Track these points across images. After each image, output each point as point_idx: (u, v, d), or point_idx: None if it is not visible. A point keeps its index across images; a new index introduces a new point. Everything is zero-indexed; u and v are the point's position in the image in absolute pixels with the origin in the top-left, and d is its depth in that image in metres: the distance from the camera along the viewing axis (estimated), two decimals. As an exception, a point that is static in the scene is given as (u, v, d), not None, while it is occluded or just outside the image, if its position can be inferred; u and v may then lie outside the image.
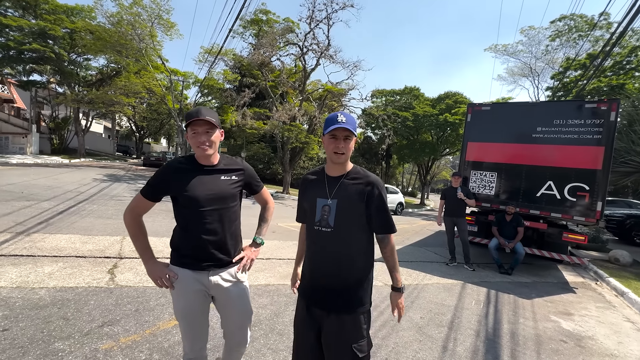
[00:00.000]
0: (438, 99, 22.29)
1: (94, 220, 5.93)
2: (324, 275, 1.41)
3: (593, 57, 15.65)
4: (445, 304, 3.80)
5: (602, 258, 7.31)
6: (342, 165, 1.43)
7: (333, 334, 1.35)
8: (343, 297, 1.37)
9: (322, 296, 1.40)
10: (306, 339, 1.44)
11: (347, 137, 1.36)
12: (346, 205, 1.36)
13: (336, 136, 1.36)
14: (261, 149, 19.30)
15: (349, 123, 1.34)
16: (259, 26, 18.46)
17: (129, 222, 1.52)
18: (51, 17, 19.36)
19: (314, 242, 1.44)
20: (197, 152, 1.50)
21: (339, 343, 1.34)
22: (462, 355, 2.67)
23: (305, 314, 1.44)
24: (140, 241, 1.52)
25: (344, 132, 1.35)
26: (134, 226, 1.52)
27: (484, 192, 6.29)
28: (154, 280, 1.50)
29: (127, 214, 1.52)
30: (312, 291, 1.44)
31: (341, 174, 1.43)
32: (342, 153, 1.36)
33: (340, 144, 1.35)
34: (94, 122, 31.27)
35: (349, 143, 1.37)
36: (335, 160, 1.39)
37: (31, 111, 22.68)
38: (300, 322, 1.47)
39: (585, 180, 5.35)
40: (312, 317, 1.42)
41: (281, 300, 3.38)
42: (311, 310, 1.43)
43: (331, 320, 1.36)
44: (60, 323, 2.46)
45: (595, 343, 3.17)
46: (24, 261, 3.62)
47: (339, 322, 1.35)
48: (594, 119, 5.32)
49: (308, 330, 1.43)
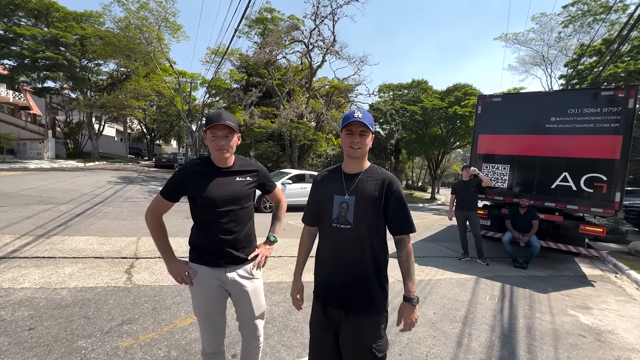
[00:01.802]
0: (447, 92, 21.91)
1: (110, 222, 6.10)
2: (342, 273, 1.37)
3: (609, 42, 15.08)
4: (459, 299, 3.77)
5: (621, 250, 7.09)
6: (359, 162, 1.43)
7: (352, 335, 1.34)
8: (362, 295, 1.34)
9: (340, 295, 1.37)
10: (324, 342, 1.42)
11: (363, 132, 1.36)
12: (365, 201, 1.35)
13: (352, 131, 1.37)
14: (269, 148, 19.37)
15: (365, 118, 1.35)
16: (264, 25, 18.48)
17: (150, 222, 1.58)
18: (62, 24, 19.82)
19: (331, 239, 1.41)
20: (216, 155, 1.55)
21: (358, 344, 1.33)
22: (477, 351, 2.65)
23: (322, 316, 1.41)
24: (161, 240, 1.59)
25: (359, 127, 1.35)
26: (154, 226, 1.58)
27: (497, 185, 6.18)
28: (175, 277, 1.56)
29: (148, 214, 1.58)
30: (329, 290, 1.41)
31: (359, 171, 1.42)
32: (358, 147, 1.37)
33: (355, 138, 1.36)
34: (107, 126, 32.02)
35: (365, 139, 1.38)
36: (352, 154, 1.39)
37: (46, 117, 23.34)
38: (317, 325, 1.45)
39: (603, 170, 5.19)
40: (329, 319, 1.40)
41: (294, 297, 3.41)
42: (328, 311, 1.40)
43: (350, 321, 1.34)
44: (82, 322, 2.55)
45: (615, 337, 3.09)
46: (46, 263, 3.76)
47: (357, 323, 1.33)
48: (611, 107, 5.14)
49: (326, 333, 1.41)
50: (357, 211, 1.35)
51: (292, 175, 10.68)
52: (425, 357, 2.48)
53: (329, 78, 20.64)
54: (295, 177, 10.75)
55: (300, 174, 10.99)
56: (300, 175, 10.93)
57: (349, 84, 18.06)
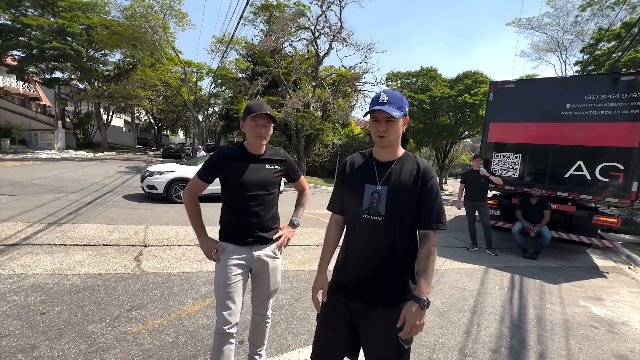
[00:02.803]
0: (456, 80, 21.33)
1: (119, 211, 6.17)
2: (372, 267, 1.28)
3: (630, 26, 14.41)
4: (467, 289, 3.73)
5: (635, 241, 6.93)
6: (391, 150, 1.31)
7: (379, 328, 1.26)
8: (393, 289, 1.27)
9: (369, 289, 1.29)
10: (339, 334, 1.34)
11: (390, 119, 1.22)
12: (398, 192, 1.25)
13: (377, 118, 1.24)
14: (276, 137, 19.33)
15: (392, 102, 1.21)
16: (269, 12, 18.15)
17: (187, 202, 1.72)
18: (68, 14, 19.78)
19: (359, 231, 1.31)
20: (255, 142, 1.67)
21: (386, 336, 1.25)
22: (486, 341, 2.61)
23: (344, 309, 1.32)
24: (195, 218, 1.72)
25: (384, 113, 1.21)
26: (191, 205, 1.72)
27: (508, 175, 6.03)
28: (205, 253, 1.71)
29: (186, 194, 1.72)
30: (355, 284, 1.31)
31: (392, 159, 1.31)
32: (385, 136, 1.24)
33: (381, 127, 1.23)
34: (115, 117, 32.25)
35: (393, 125, 1.23)
36: (379, 144, 1.28)
37: (56, 108, 23.60)
38: (335, 316, 1.35)
39: (620, 159, 5.01)
40: (350, 311, 1.31)
41: (300, 285, 3.42)
42: (351, 304, 1.31)
43: (377, 313, 1.26)
44: (92, 307, 2.59)
45: (629, 329, 3.03)
46: (57, 250, 3.82)
47: (386, 315, 1.24)
48: (631, 93, 4.92)
49: (343, 326, 1.34)
50: (390, 203, 1.25)
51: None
52: (433, 346, 2.46)
53: (335, 66, 20.31)
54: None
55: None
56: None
57: (356, 72, 17.73)
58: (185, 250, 4.20)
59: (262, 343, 1.92)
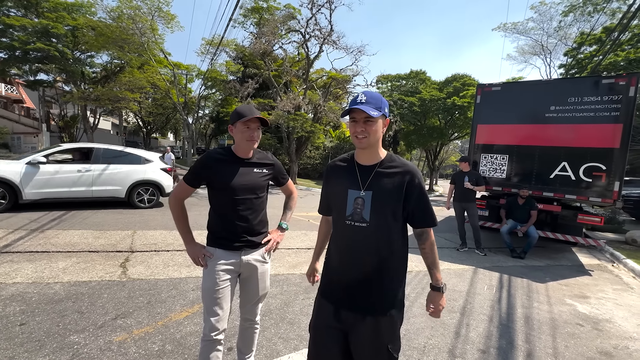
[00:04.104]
0: (445, 82, 21.67)
1: (105, 216, 6.03)
2: (358, 275, 1.25)
3: (610, 31, 14.90)
4: (457, 290, 3.76)
5: (618, 239, 7.12)
6: (372, 152, 1.26)
7: (368, 337, 1.24)
8: (381, 298, 1.25)
9: (357, 298, 1.26)
10: (331, 346, 1.30)
11: (369, 119, 1.18)
12: (383, 197, 1.21)
13: (355, 119, 1.20)
14: (267, 140, 19.24)
15: (370, 102, 1.17)
16: (259, 14, 18.11)
17: (173, 207, 1.69)
18: (53, 15, 19.28)
19: (344, 238, 1.28)
20: (245, 145, 1.65)
21: (375, 345, 1.23)
22: (475, 341, 2.63)
23: (332, 319, 1.29)
24: (182, 223, 1.70)
25: (362, 113, 1.17)
26: (177, 210, 1.69)
27: (495, 176, 6.14)
28: (193, 259, 1.67)
29: (172, 199, 1.70)
30: (343, 292, 1.29)
31: (374, 162, 1.26)
32: (364, 137, 1.19)
33: (359, 127, 1.19)
34: (102, 119, 31.56)
35: (371, 126, 1.19)
36: (358, 145, 1.23)
37: (40, 110, 22.99)
38: (324, 327, 1.31)
39: (602, 159, 5.15)
40: (340, 322, 1.27)
41: (291, 289, 3.39)
42: (340, 313, 1.28)
43: (367, 323, 1.23)
44: (75, 316, 2.51)
45: (613, 326, 3.10)
46: (39, 257, 3.70)
47: (375, 324, 1.23)
48: (612, 95, 5.08)
49: (334, 337, 1.29)
50: (375, 208, 1.21)
51: (61, 149, 6.52)
52: (423, 348, 2.47)
53: (326, 69, 20.39)
54: (69, 151, 6.74)
55: (80, 147, 6.89)
56: (80, 151, 6.83)
57: (346, 74, 17.82)
58: (173, 256, 4.13)
59: (250, 349, 1.89)
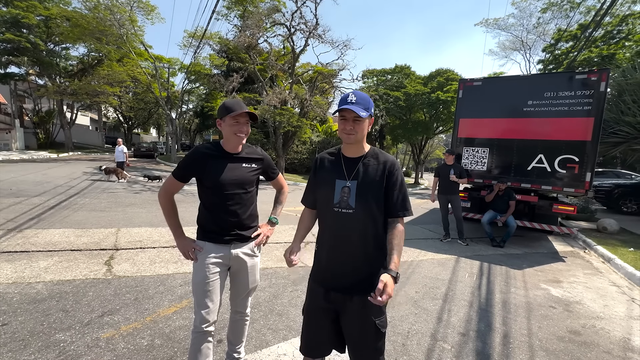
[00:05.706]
0: (429, 77, 21.99)
1: (87, 214, 5.88)
2: (346, 258, 1.38)
3: (584, 28, 15.47)
4: (440, 278, 3.91)
5: (590, 227, 7.52)
6: (358, 146, 1.40)
7: (357, 313, 1.35)
8: (367, 278, 1.35)
9: (345, 280, 1.37)
10: (323, 326, 1.43)
11: (357, 118, 1.31)
12: (366, 186, 1.35)
13: (345, 117, 1.33)
14: (253, 135, 19.03)
15: (360, 103, 1.30)
16: (243, 6, 17.73)
17: (162, 202, 1.70)
18: (23, 4, 18.27)
19: (332, 224, 1.40)
20: (235, 140, 1.65)
21: (363, 319, 1.34)
22: (456, 325, 2.77)
23: (323, 301, 1.41)
24: (172, 218, 1.71)
25: (352, 113, 1.30)
26: (167, 205, 1.70)
27: (477, 168, 6.35)
28: (183, 253, 1.69)
29: (161, 194, 1.70)
30: (333, 275, 1.41)
31: (359, 155, 1.41)
32: (352, 134, 1.33)
33: (348, 125, 1.32)
34: (80, 114, 30.32)
35: (360, 124, 1.33)
36: (346, 140, 1.37)
37: (12, 105, 21.84)
38: (316, 310, 1.44)
39: (575, 151, 5.42)
40: (330, 303, 1.39)
41: (279, 282, 3.44)
42: (331, 295, 1.39)
43: (355, 301, 1.35)
44: (60, 315, 2.48)
45: (582, 307, 3.31)
46: (18, 257, 3.60)
47: (362, 301, 1.32)
48: (585, 90, 5.32)
49: (325, 317, 1.42)
50: (359, 196, 1.34)
51: None
52: (407, 334, 2.58)
53: (312, 63, 20.30)
54: None
55: None
56: None
57: (332, 69, 17.77)
58: (159, 252, 4.09)
59: (240, 340, 1.94)
